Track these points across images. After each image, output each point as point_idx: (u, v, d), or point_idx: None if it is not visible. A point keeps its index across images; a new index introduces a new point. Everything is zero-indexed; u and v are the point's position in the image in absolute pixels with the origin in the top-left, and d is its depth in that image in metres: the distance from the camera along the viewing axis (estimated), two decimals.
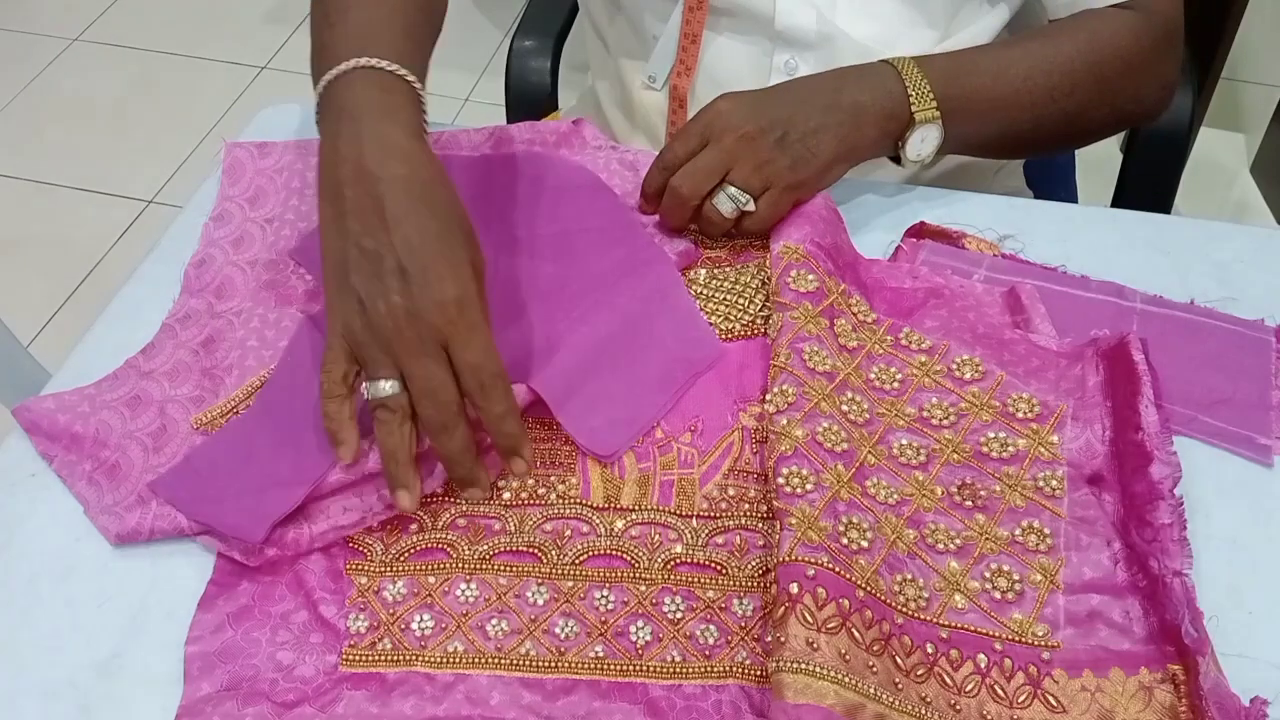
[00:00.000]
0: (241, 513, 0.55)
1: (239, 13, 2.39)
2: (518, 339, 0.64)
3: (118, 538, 0.57)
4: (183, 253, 0.73)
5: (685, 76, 0.83)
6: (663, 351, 0.65)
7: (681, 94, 0.84)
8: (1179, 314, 0.68)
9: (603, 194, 0.73)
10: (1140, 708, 0.51)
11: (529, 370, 0.62)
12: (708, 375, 0.65)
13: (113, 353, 0.66)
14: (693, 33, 0.80)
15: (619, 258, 0.69)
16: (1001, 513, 0.58)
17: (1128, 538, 0.57)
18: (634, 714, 0.51)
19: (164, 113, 2.15)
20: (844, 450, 0.58)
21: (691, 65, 0.82)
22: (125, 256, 1.86)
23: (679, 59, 0.82)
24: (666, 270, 0.69)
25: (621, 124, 0.91)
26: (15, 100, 2.18)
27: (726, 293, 0.69)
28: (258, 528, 0.54)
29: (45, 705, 0.52)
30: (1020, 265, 0.71)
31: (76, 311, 1.77)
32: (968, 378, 0.64)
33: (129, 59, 2.28)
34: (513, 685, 0.52)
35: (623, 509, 0.59)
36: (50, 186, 2.00)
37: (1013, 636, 0.54)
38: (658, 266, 0.69)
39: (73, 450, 0.60)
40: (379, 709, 0.51)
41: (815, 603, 0.50)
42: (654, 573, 0.56)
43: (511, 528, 0.58)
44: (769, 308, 0.66)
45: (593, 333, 0.64)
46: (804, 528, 0.53)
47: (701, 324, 0.67)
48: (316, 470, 0.56)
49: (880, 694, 0.49)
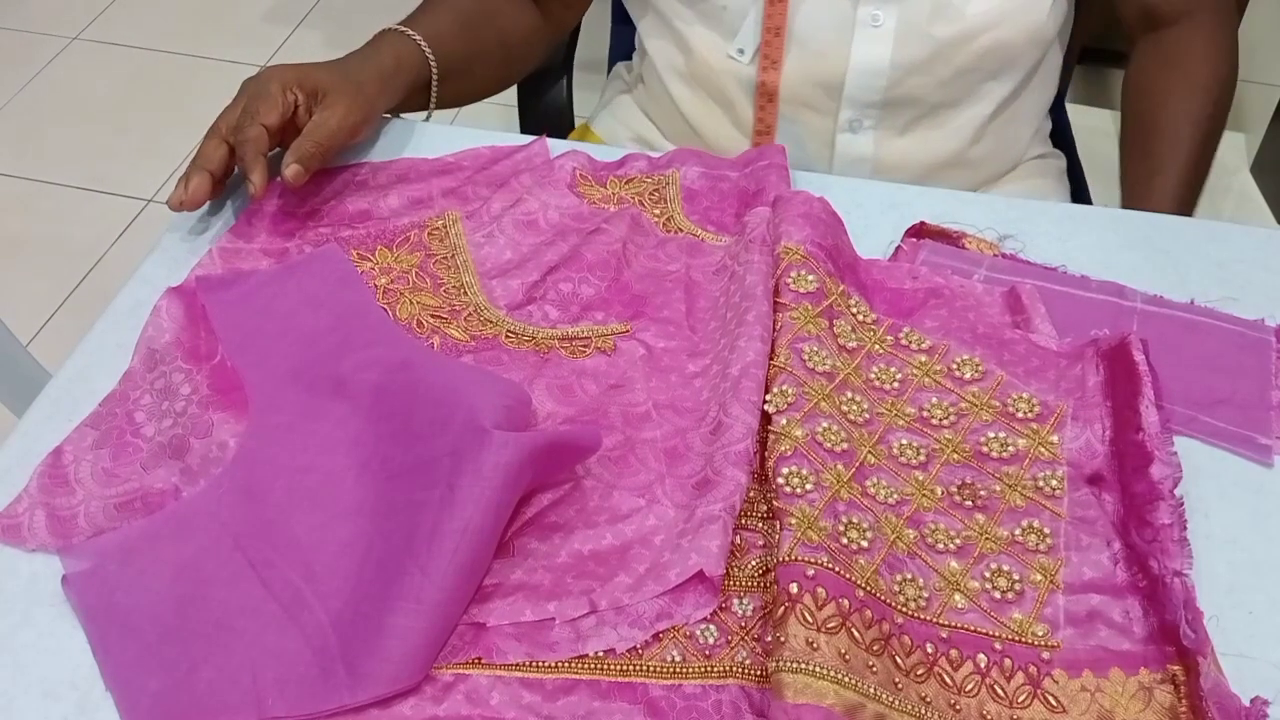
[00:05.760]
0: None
1: (239, 12, 2.38)
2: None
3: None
4: (183, 252, 0.73)
5: (773, 71, 0.83)
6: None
7: (771, 88, 0.85)
8: (1179, 314, 0.68)
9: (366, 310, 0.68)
10: (1140, 708, 0.51)
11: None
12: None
13: (113, 352, 0.66)
14: (775, 26, 0.81)
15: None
16: (1001, 512, 0.58)
17: (1128, 538, 0.57)
18: (634, 714, 0.51)
19: (164, 112, 2.15)
20: (844, 450, 0.58)
21: (778, 59, 0.83)
22: (125, 256, 1.86)
23: (764, 53, 0.83)
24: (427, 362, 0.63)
25: (685, 94, 0.91)
26: (15, 99, 2.18)
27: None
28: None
29: (45, 705, 0.52)
30: (1020, 265, 0.71)
31: (76, 311, 1.77)
32: (968, 377, 0.64)
33: (129, 58, 2.28)
34: (512, 685, 0.52)
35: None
36: (50, 186, 2.00)
37: (1012, 636, 0.54)
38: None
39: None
40: (379, 709, 0.51)
41: (815, 603, 0.50)
42: None
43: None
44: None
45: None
46: (804, 528, 0.53)
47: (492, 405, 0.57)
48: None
49: (880, 694, 0.49)
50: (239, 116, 0.72)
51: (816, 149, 0.88)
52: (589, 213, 0.75)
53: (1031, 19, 0.82)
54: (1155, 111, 0.87)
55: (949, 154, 0.88)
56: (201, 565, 0.56)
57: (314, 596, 0.54)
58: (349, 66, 0.78)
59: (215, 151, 0.72)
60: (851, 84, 0.83)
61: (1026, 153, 0.95)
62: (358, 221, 0.75)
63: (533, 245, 0.73)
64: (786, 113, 0.87)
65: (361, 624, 0.52)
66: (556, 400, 0.64)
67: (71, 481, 0.60)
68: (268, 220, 0.74)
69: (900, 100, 0.84)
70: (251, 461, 0.60)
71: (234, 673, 0.52)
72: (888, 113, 0.85)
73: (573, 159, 0.78)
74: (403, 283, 0.70)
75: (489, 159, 0.79)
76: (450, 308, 0.69)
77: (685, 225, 0.74)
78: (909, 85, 0.83)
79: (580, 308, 0.69)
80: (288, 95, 0.73)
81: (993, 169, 0.93)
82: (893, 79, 0.83)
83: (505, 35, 0.91)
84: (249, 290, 0.69)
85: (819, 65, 0.84)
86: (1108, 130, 1.71)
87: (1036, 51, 0.86)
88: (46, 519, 0.58)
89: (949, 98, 0.85)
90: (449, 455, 0.54)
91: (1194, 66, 0.87)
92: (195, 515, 0.57)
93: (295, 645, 0.52)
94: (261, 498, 0.58)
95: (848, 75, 0.83)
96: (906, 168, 0.88)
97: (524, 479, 0.55)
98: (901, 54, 0.82)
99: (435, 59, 0.83)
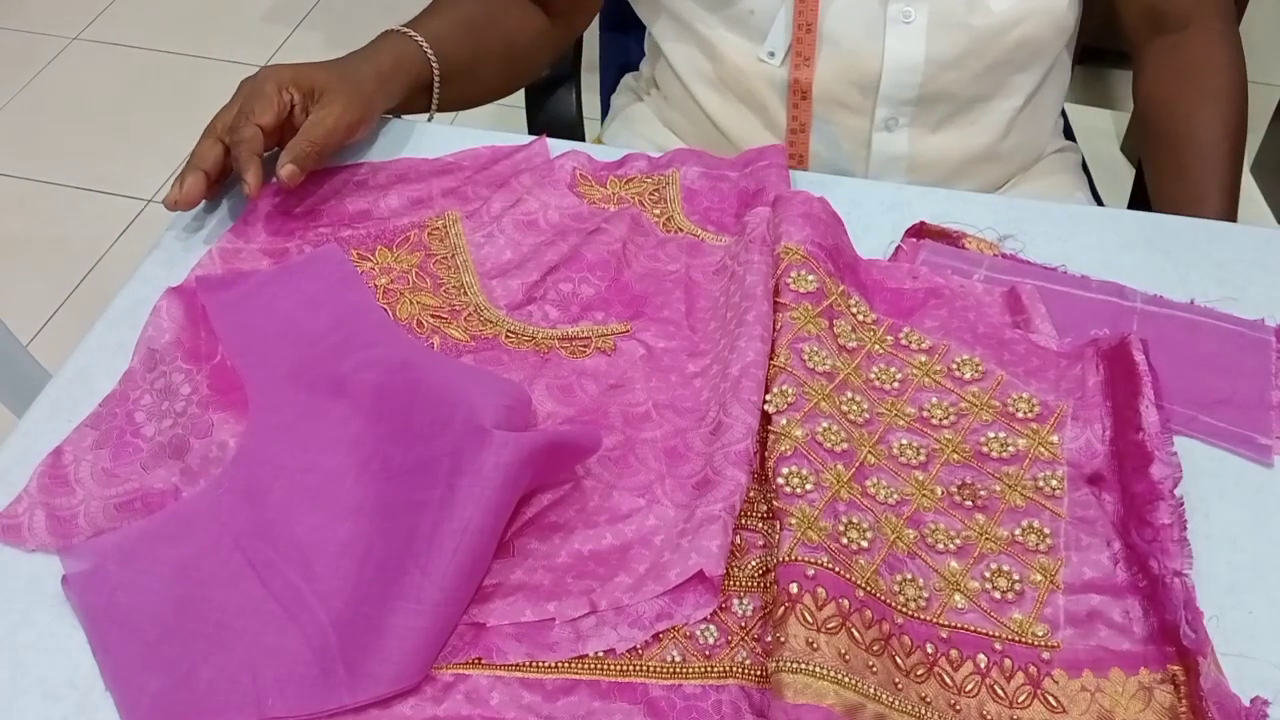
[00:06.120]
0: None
1: (239, 12, 2.38)
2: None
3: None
4: (183, 252, 0.73)
5: (806, 68, 0.83)
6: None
7: (804, 85, 0.84)
8: (1179, 314, 0.68)
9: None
10: (1140, 708, 0.51)
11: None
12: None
13: (113, 352, 0.66)
14: (806, 22, 0.81)
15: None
16: (1001, 512, 0.58)
17: (1128, 538, 0.56)
18: (634, 714, 0.51)
19: (164, 112, 2.15)
20: (844, 450, 0.58)
21: (810, 56, 0.82)
22: (125, 256, 1.86)
23: (796, 50, 0.83)
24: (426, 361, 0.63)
25: (713, 99, 0.91)
26: (15, 99, 2.18)
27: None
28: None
29: (45, 705, 0.52)
30: (1020, 265, 0.71)
31: (76, 311, 1.77)
32: (968, 377, 0.64)
33: (129, 58, 2.28)
34: (512, 685, 0.52)
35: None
36: (50, 186, 2.00)
37: (1012, 636, 0.54)
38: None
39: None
40: (379, 709, 0.51)
41: (815, 603, 0.50)
42: None
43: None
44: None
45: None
46: (804, 528, 0.53)
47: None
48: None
49: (880, 694, 0.49)
50: (234, 117, 0.73)
51: (852, 149, 0.88)
52: (589, 213, 0.75)
53: (1056, 12, 0.83)
54: (1182, 126, 0.87)
55: (981, 148, 0.88)
56: (201, 565, 0.56)
57: (314, 596, 0.54)
58: (347, 66, 0.78)
59: (210, 151, 0.72)
60: (888, 81, 0.83)
61: (1048, 146, 0.96)
62: (358, 221, 0.75)
63: (533, 245, 0.73)
64: (821, 113, 0.86)
65: (361, 624, 0.52)
66: (556, 400, 0.64)
67: (71, 481, 0.60)
68: (267, 220, 0.74)
69: (934, 96, 0.84)
70: (251, 461, 0.60)
71: (234, 673, 0.52)
72: (922, 109, 0.85)
73: (573, 159, 0.78)
74: (403, 283, 0.70)
75: (489, 159, 0.79)
76: (450, 308, 0.69)
77: (685, 225, 0.74)
78: (944, 81, 0.83)
79: (580, 308, 0.69)
80: (284, 95, 0.73)
81: (1020, 162, 0.93)
82: (927, 74, 0.83)
83: (511, 39, 0.91)
84: (249, 290, 0.69)
85: (852, 64, 0.83)
86: (1107, 130, 1.71)
87: (1059, 43, 0.87)
88: (46, 519, 0.58)
89: (982, 91, 0.85)
90: (449, 455, 0.54)
91: (1212, 76, 0.87)
92: (195, 515, 0.57)
93: (295, 645, 0.52)
94: (261, 498, 0.58)
95: (884, 73, 0.83)
96: (941, 164, 0.88)
97: (524, 479, 0.55)
98: (935, 49, 0.82)
99: (437, 60, 0.83)
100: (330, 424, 0.61)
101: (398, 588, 0.52)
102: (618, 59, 1.13)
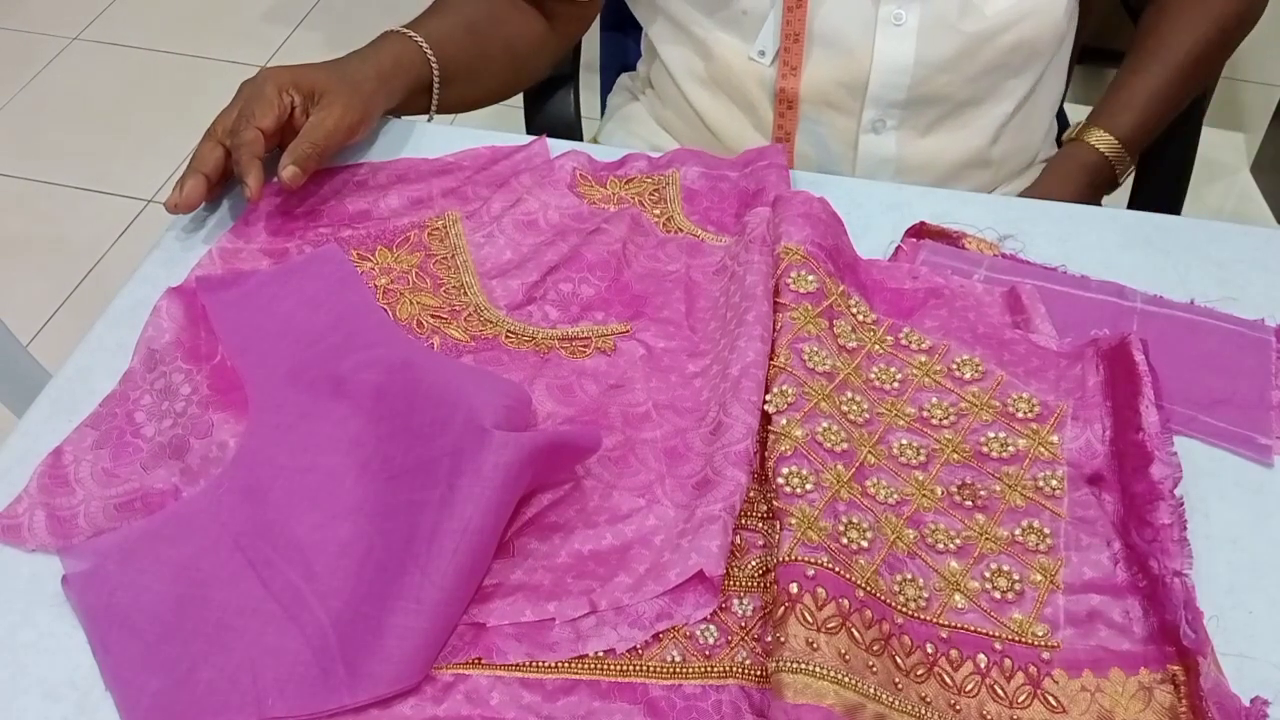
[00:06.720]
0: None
1: (239, 12, 2.38)
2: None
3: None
4: (183, 252, 0.73)
5: (792, 78, 0.83)
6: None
7: (790, 95, 0.85)
8: (1179, 314, 0.68)
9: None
10: (1140, 708, 0.51)
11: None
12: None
13: (113, 352, 0.66)
14: (794, 32, 0.81)
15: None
16: (1001, 512, 0.58)
17: (1128, 538, 0.56)
18: (634, 714, 0.51)
19: (164, 112, 2.15)
20: (844, 450, 0.58)
21: (797, 66, 0.83)
22: (125, 256, 1.86)
23: (783, 59, 0.83)
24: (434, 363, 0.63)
25: (705, 99, 0.91)
26: (15, 99, 2.18)
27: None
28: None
29: (45, 705, 0.52)
30: (1020, 265, 0.71)
31: (76, 311, 1.77)
32: (968, 378, 0.64)
33: (129, 58, 2.28)
34: (512, 685, 0.52)
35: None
36: (50, 186, 2.00)
37: (1013, 636, 0.54)
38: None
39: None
40: (379, 709, 0.51)
41: (815, 603, 0.50)
42: None
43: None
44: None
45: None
46: (804, 528, 0.53)
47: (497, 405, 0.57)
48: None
49: (880, 694, 0.49)
50: (235, 120, 0.73)
51: (840, 150, 0.88)
52: (589, 213, 0.75)
53: (1052, 16, 0.83)
54: (1160, 22, 0.89)
55: (971, 153, 0.88)
56: (201, 565, 0.56)
57: (314, 596, 0.54)
58: (346, 67, 0.78)
59: (210, 154, 0.72)
60: (876, 82, 0.83)
61: (1040, 152, 0.95)
62: (357, 221, 0.75)
63: (533, 245, 0.73)
64: (809, 114, 0.86)
65: (361, 624, 0.52)
66: (556, 400, 0.64)
67: (71, 482, 0.60)
68: (268, 220, 0.74)
69: (925, 99, 0.84)
70: (251, 461, 0.60)
71: (234, 673, 0.52)
72: (911, 112, 0.85)
73: (573, 159, 0.78)
74: (403, 283, 0.70)
75: (489, 159, 0.79)
76: (450, 308, 0.69)
77: (685, 225, 0.74)
78: (935, 84, 0.83)
79: (580, 308, 0.69)
80: (284, 97, 0.73)
81: (1010, 168, 0.93)
82: (918, 77, 0.83)
83: (512, 42, 0.91)
84: (249, 290, 0.69)
85: (844, 65, 0.83)
86: None
87: (1055, 47, 0.86)
88: (46, 519, 0.58)
89: (974, 95, 0.85)
90: (449, 455, 0.55)
91: (1198, 7, 0.88)
92: (195, 515, 0.57)
93: (295, 645, 0.52)
94: (261, 498, 0.58)
95: (872, 74, 0.83)
96: (930, 168, 0.88)
97: (524, 479, 0.55)
98: (926, 52, 0.82)
99: (438, 61, 0.83)
100: (330, 424, 0.61)
101: (398, 588, 0.52)
102: (617, 59, 1.12)
